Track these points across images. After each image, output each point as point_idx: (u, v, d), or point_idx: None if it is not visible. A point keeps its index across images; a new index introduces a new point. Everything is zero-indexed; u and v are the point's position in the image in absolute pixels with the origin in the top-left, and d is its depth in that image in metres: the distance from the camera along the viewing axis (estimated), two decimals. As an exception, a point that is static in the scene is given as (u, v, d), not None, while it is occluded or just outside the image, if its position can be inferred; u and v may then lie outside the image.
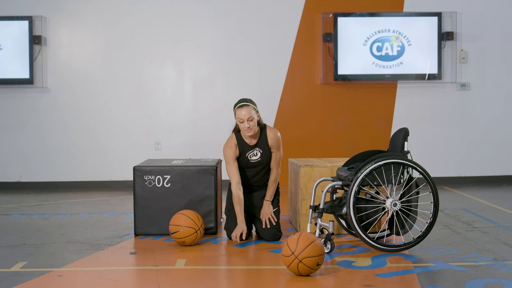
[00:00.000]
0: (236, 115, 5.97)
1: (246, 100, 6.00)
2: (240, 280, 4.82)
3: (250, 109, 5.91)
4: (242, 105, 5.93)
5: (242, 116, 5.89)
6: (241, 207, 5.92)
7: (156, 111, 10.12)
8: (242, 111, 5.89)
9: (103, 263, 5.30)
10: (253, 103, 6.00)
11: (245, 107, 5.90)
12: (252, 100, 6.02)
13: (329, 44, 10.00)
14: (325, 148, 10.06)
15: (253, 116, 5.90)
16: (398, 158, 5.43)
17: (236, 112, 5.95)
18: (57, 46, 10.05)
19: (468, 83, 10.18)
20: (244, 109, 5.89)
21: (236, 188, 5.93)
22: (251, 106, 5.92)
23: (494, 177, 10.24)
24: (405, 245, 5.48)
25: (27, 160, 10.09)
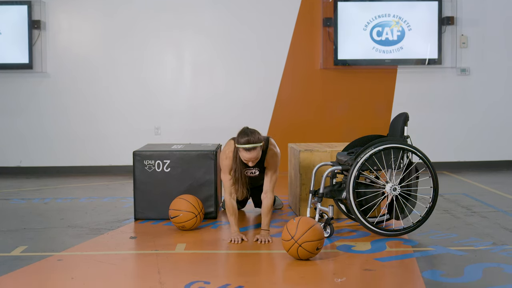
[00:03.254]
0: (240, 153, 5.33)
1: (252, 138, 5.25)
2: (239, 264, 4.83)
3: (258, 151, 5.29)
4: (249, 148, 5.24)
5: (247, 159, 5.30)
6: (236, 217, 5.53)
7: (156, 97, 10.11)
8: (248, 155, 5.27)
9: (103, 247, 5.31)
10: (259, 139, 5.29)
11: (252, 151, 5.26)
12: (258, 136, 5.28)
13: (329, 28, 9.97)
14: (324, 133, 10.05)
15: (259, 155, 5.35)
16: (398, 143, 5.43)
17: (241, 151, 5.29)
18: (56, 31, 10.02)
19: (468, 68, 10.16)
20: (250, 153, 5.26)
21: (230, 198, 5.53)
22: (258, 148, 5.28)
23: (494, 162, 10.25)
24: (405, 230, 5.49)
25: (27, 145, 10.09)
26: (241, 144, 5.25)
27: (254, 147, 5.24)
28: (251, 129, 5.32)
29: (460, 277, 4.37)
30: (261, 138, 5.31)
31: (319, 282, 4.37)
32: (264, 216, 5.53)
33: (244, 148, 5.25)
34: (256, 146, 5.25)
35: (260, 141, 5.29)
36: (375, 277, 4.43)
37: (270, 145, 5.57)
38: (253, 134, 5.26)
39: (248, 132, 5.27)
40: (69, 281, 4.35)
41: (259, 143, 5.28)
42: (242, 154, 5.28)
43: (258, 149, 5.29)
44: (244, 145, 5.24)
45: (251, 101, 10.10)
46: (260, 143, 5.28)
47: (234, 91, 10.11)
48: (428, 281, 4.30)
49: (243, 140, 5.24)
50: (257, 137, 5.27)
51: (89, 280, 4.37)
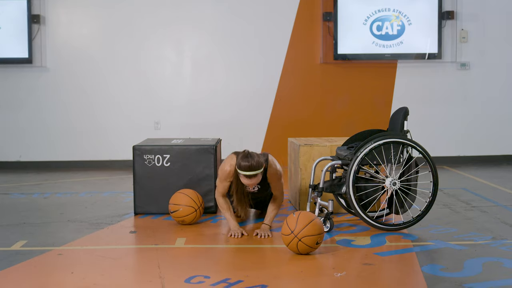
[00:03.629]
0: (240, 176, 5.26)
1: (253, 164, 5.16)
2: (239, 258, 4.83)
3: (258, 177, 5.23)
4: (250, 175, 5.18)
5: (247, 183, 5.26)
6: (231, 213, 5.53)
7: (156, 91, 10.10)
8: (249, 181, 5.22)
9: (103, 242, 5.31)
10: (260, 164, 5.21)
11: (253, 178, 5.20)
12: (259, 161, 5.20)
13: (329, 23, 9.96)
14: (324, 127, 10.05)
15: (259, 180, 5.27)
16: (397, 137, 5.43)
17: (241, 176, 5.23)
18: (56, 26, 10.00)
19: (468, 63, 10.15)
20: (251, 180, 5.21)
21: (220, 196, 5.54)
22: (259, 174, 5.23)
23: (494, 157, 10.25)
24: (404, 224, 5.49)
25: (26, 140, 10.08)
26: (242, 170, 5.17)
27: (255, 174, 5.18)
28: (252, 153, 5.24)
29: (460, 271, 4.38)
30: (262, 163, 5.22)
31: (319, 276, 4.38)
32: (270, 212, 5.56)
33: (245, 175, 5.19)
34: (257, 173, 5.19)
35: (261, 166, 5.20)
36: (375, 272, 4.43)
37: (270, 164, 5.46)
38: (254, 160, 5.17)
39: (250, 158, 5.18)
40: (69, 276, 4.35)
41: (260, 169, 5.20)
42: (242, 178, 5.23)
43: (259, 175, 5.23)
44: (245, 172, 5.17)
45: (251, 95, 10.09)
46: (260, 169, 5.20)
47: (234, 86, 10.10)
48: (427, 275, 4.31)
49: (244, 166, 5.16)
50: (258, 163, 5.18)
51: (89, 274, 4.37)
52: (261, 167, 5.21)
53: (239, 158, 5.21)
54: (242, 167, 5.16)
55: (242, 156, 5.22)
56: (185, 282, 4.16)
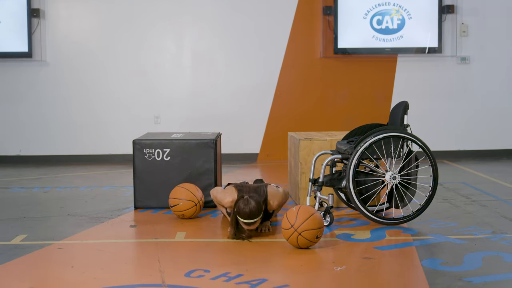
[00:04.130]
0: (239, 221, 5.13)
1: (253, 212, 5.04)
2: (239, 253, 4.83)
3: (258, 222, 5.13)
4: (249, 223, 5.07)
5: (246, 228, 5.14)
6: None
7: (156, 85, 10.09)
8: (248, 227, 5.12)
9: (103, 236, 5.32)
10: (260, 210, 5.08)
11: (252, 224, 5.10)
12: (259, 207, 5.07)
13: (329, 17, 9.94)
14: (324, 121, 10.04)
15: (257, 224, 5.17)
16: (397, 131, 5.42)
17: (240, 221, 5.11)
18: (55, 20, 9.98)
19: (468, 57, 10.14)
20: (250, 226, 5.11)
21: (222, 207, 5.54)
22: (257, 221, 5.12)
23: (494, 151, 10.24)
24: (404, 218, 5.49)
25: (26, 134, 10.08)
26: (242, 218, 5.06)
27: (254, 222, 5.08)
28: (252, 198, 5.10)
29: (460, 265, 4.38)
30: (261, 208, 5.09)
31: (319, 270, 4.38)
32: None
33: (244, 222, 5.08)
34: (255, 221, 5.08)
35: (260, 212, 5.08)
36: (375, 266, 4.44)
37: (269, 201, 5.35)
38: (253, 206, 5.03)
39: (249, 204, 5.04)
40: (69, 270, 4.35)
41: (259, 215, 5.09)
42: (242, 224, 5.11)
43: (258, 221, 5.12)
44: (245, 220, 5.07)
45: (251, 89, 10.09)
46: (260, 216, 5.09)
47: (234, 80, 10.09)
48: (427, 269, 4.31)
49: (244, 214, 5.04)
50: (258, 209, 5.06)
51: (89, 268, 4.38)
52: (260, 213, 5.09)
53: (239, 204, 5.07)
54: (242, 214, 5.05)
55: (242, 202, 5.07)
56: (185, 276, 4.16)
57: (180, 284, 4.02)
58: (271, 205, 5.36)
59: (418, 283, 4.09)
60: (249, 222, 5.07)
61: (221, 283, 4.04)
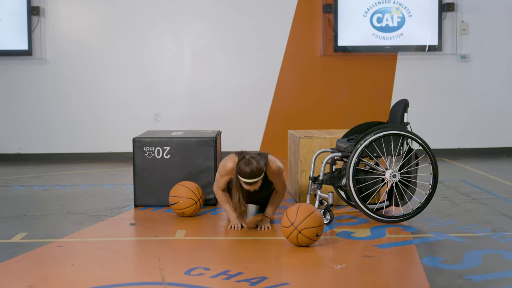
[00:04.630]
0: (240, 181, 5.20)
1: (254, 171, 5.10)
2: (239, 250, 4.84)
3: (259, 182, 5.19)
4: (250, 182, 5.13)
5: (247, 188, 5.22)
6: (231, 204, 5.47)
7: (156, 83, 10.09)
8: (249, 186, 5.18)
9: (103, 234, 5.32)
10: (261, 170, 5.14)
11: (253, 185, 5.16)
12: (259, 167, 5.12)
13: (329, 15, 9.94)
14: (324, 119, 10.04)
15: (259, 184, 5.22)
16: (397, 129, 5.42)
17: (242, 181, 5.17)
18: (55, 18, 9.98)
19: (468, 55, 10.13)
20: (252, 186, 5.17)
21: (219, 190, 5.53)
22: (259, 180, 5.18)
23: (494, 149, 10.24)
24: (404, 216, 5.50)
25: (26, 132, 10.08)
26: (243, 177, 5.11)
27: (255, 181, 5.13)
28: (252, 160, 5.13)
29: (460, 263, 4.38)
30: (262, 169, 5.14)
31: (319, 268, 4.38)
32: (271, 204, 5.54)
33: (245, 182, 5.13)
34: (257, 180, 5.14)
35: (261, 172, 5.13)
36: (375, 264, 4.44)
37: (269, 164, 5.37)
38: (254, 166, 5.09)
39: (250, 164, 5.09)
40: (69, 268, 4.36)
41: (260, 175, 5.13)
42: (243, 184, 5.17)
43: (259, 181, 5.17)
44: (246, 179, 5.12)
45: (251, 87, 10.08)
46: (261, 175, 5.14)
47: (233, 78, 10.09)
48: (427, 267, 4.31)
49: (245, 173, 5.09)
50: (259, 169, 5.10)
51: (89, 266, 4.38)
52: (262, 173, 5.14)
53: (240, 164, 5.13)
54: (243, 174, 5.10)
55: (243, 162, 5.13)
56: (185, 274, 4.17)
57: (180, 282, 4.02)
58: (271, 168, 5.33)
59: (418, 281, 4.09)
60: (251, 182, 5.10)
61: (221, 281, 4.05)
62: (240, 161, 5.16)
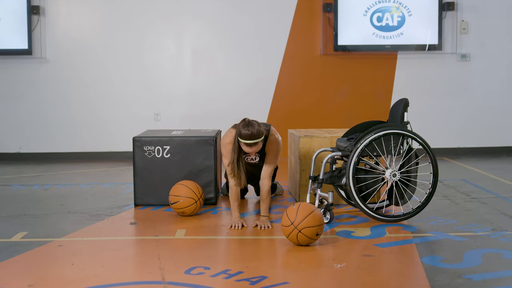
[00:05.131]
0: (241, 144, 5.29)
1: (254, 132, 5.18)
2: (239, 250, 4.84)
3: (259, 145, 5.28)
4: (250, 143, 5.21)
5: (248, 151, 5.32)
6: (238, 204, 5.53)
7: (156, 82, 10.09)
8: (250, 148, 5.26)
9: (103, 233, 5.32)
10: (261, 132, 5.24)
11: (253, 146, 5.24)
12: (260, 129, 5.23)
13: (329, 14, 9.94)
14: (324, 119, 10.04)
15: (259, 148, 5.33)
16: (397, 128, 5.42)
17: (242, 144, 5.27)
18: (55, 17, 9.98)
19: (469, 54, 10.13)
20: (252, 147, 5.25)
21: (234, 185, 5.50)
22: (259, 142, 5.27)
23: (494, 148, 10.24)
24: (404, 216, 5.50)
25: (26, 131, 10.08)
26: (243, 138, 5.21)
27: (256, 142, 5.22)
28: (253, 121, 5.27)
29: (460, 262, 4.38)
30: (262, 131, 5.26)
31: (319, 267, 4.38)
32: (262, 203, 5.55)
33: (245, 143, 5.22)
34: (257, 141, 5.23)
35: (262, 134, 5.24)
36: (375, 263, 4.44)
37: (271, 133, 5.55)
38: (255, 128, 5.21)
39: (250, 126, 5.22)
40: (69, 267, 4.36)
41: (261, 137, 5.24)
42: (243, 146, 5.25)
43: (260, 143, 5.27)
44: (246, 140, 5.21)
45: (251, 87, 10.08)
46: (261, 137, 5.24)
47: (233, 77, 10.09)
48: (427, 266, 4.31)
49: (245, 134, 5.20)
50: (259, 131, 5.21)
51: (89, 265, 4.38)
52: (262, 135, 5.24)
53: (240, 126, 5.25)
54: (243, 135, 5.20)
55: (243, 124, 5.25)
56: (185, 273, 4.17)
57: (180, 281, 4.03)
58: (271, 137, 5.47)
59: (418, 280, 4.09)
60: (251, 143, 5.16)
61: (221, 280, 4.05)
62: (240, 124, 5.28)
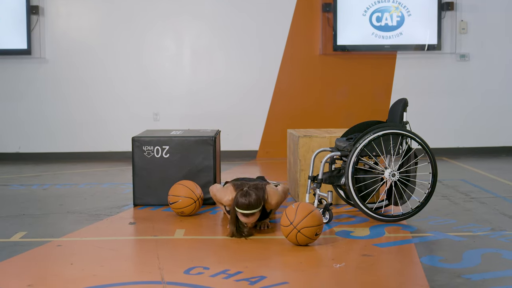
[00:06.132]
0: (238, 214, 5.08)
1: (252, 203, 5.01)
2: (238, 250, 4.84)
3: (256, 215, 5.11)
4: (247, 214, 5.03)
5: (244, 220, 5.09)
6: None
7: (155, 82, 10.09)
8: (247, 219, 5.07)
9: (102, 233, 5.32)
10: (259, 202, 5.05)
11: (250, 217, 5.06)
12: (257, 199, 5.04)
13: (328, 14, 9.94)
14: (323, 118, 10.04)
15: (257, 218, 5.14)
16: (396, 128, 5.42)
17: (239, 213, 5.07)
18: (54, 17, 9.97)
19: (468, 54, 10.13)
20: (249, 218, 5.07)
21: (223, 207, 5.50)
22: (257, 213, 5.09)
23: (493, 148, 10.25)
24: (403, 215, 5.49)
25: (25, 131, 10.07)
26: (240, 209, 5.02)
27: (253, 213, 5.05)
28: (251, 191, 5.08)
29: (459, 262, 4.38)
30: (260, 201, 5.08)
31: (318, 267, 4.38)
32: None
33: (242, 214, 5.05)
34: (255, 212, 5.05)
35: (259, 205, 5.06)
36: (374, 263, 4.44)
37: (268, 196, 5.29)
38: (252, 197, 5.02)
39: (248, 196, 5.03)
40: (68, 267, 4.36)
41: (258, 207, 5.06)
42: (240, 216, 5.07)
43: (257, 213, 5.10)
44: (243, 211, 5.03)
45: (250, 87, 10.08)
46: (259, 208, 5.07)
47: (233, 77, 10.09)
48: (426, 266, 4.31)
49: (243, 205, 5.01)
50: (257, 201, 5.04)
51: (88, 265, 4.38)
52: (260, 206, 5.07)
53: (238, 195, 5.05)
54: (240, 205, 5.01)
55: (241, 193, 5.06)
56: (184, 273, 4.17)
57: (179, 281, 4.02)
58: (269, 204, 5.28)
59: (417, 280, 4.09)
60: (248, 213, 5.03)
61: (220, 280, 4.05)
62: (237, 193, 5.09)
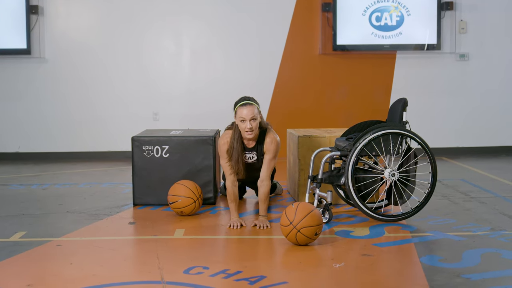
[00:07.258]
0: (237, 114, 5.52)
1: (249, 98, 5.56)
2: (238, 249, 4.84)
3: (254, 108, 5.48)
4: (245, 103, 5.49)
5: (244, 115, 5.46)
6: (236, 204, 5.57)
7: (155, 82, 10.09)
8: (245, 110, 5.45)
9: (102, 233, 5.32)
10: (256, 102, 5.59)
11: (249, 106, 5.46)
12: (255, 99, 5.60)
13: (328, 14, 9.94)
14: (323, 118, 10.04)
15: (256, 116, 5.49)
16: (396, 128, 5.42)
17: (238, 110, 5.51)
18: (54, 16, 9.97)
19: (467, 54, 10.13)
20: (247, 108, 5.45)
21: (232, 185, 5.59)
22: (254, 105, 5.50)
23: (493, 148, 10.25)
24: (403, 215, 5.50)
25: (25, 131, 10.07)
26: (239, 102, 5.55)
27: (250, 103, 5.49)
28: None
29: (458, 262, 4.38)
30: (257, 102, 5.58)
31: (318, 267, 4.39)
32: (262, 203, 5.56)
33: (241, 105, 5.50)
34: (251, 103, 5.50)
35: (256, 102, 5.57)
36: (374, 263, 4.44)
37: (271, 131, 5.66)
38: (249, 97, 5.59)
39: (245, 97, 5.62)
40: (68, 266, 4.36)
41: (256, 103, 5.55)
42: (239, 112, 5.51)
43: (255, 106, 5.51)
44: (240, 102, 5.52)
45: (249, 86, 10.06)
46: (256, 103, 5.55)
47: (232, 77, 10.09)
48: (426, 266, 4.32)
49: (241, 99, 5.58)
50: (253, 99, 5.57)
51: (88, 265, 4.38)
52: (257, 104, 5.55)
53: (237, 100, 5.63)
54: (238, 100, 5.57)
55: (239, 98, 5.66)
56: (184, 273, 4.17)
57: (179, 281, 4.03)
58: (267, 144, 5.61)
59: (416, 280, 4.09)
60: (245, 103, 5.48)
61: (220, 280, 4.05)
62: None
